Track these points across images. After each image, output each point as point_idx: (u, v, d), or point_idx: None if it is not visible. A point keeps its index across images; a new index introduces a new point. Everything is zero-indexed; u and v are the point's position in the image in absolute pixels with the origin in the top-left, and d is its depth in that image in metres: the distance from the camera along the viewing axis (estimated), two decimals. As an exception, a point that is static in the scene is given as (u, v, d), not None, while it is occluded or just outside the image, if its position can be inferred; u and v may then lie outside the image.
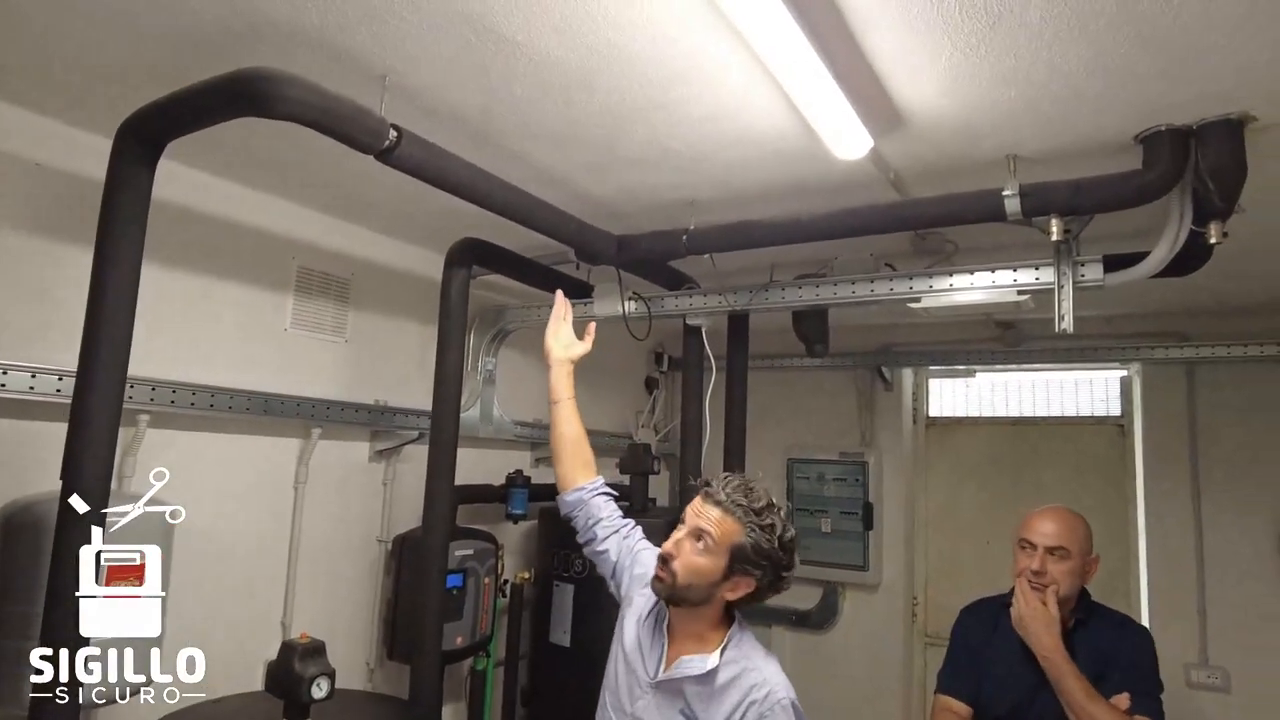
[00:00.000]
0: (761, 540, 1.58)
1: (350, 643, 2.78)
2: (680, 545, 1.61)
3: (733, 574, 1.59)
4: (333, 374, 2.74)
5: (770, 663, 1.63)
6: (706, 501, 1.63)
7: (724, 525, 1.59)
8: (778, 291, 2.62)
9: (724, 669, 1.60)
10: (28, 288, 1.97)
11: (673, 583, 1.60)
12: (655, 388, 4.63)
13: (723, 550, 1.58)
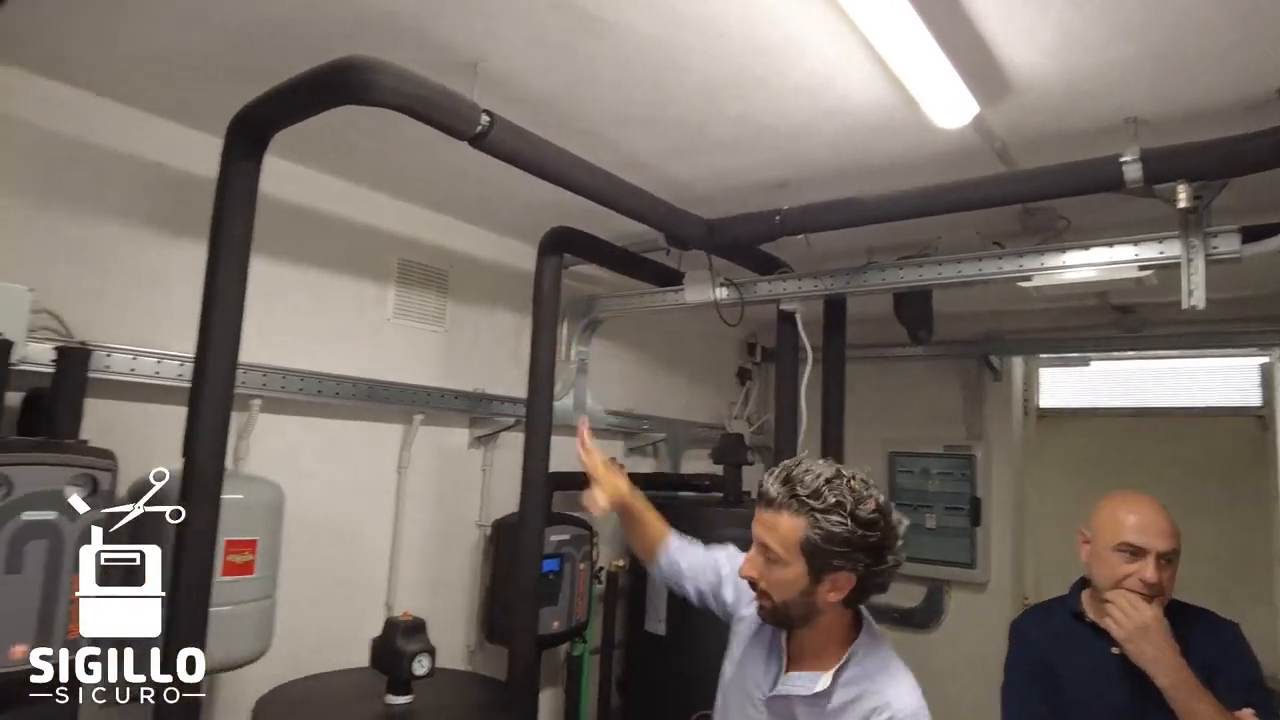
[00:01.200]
0: (831, 526, 1.33)
1: (451, 625, 2.86)
2: (754, 564, 1.42)
3: (821, 574, 1.35)
4: (432, 362, 2.82)
5: (899, 680, 1.43)
6: (762, 507, 1.42)
7: (782, 526, 1.36)
8: (877, 273, 2.53)
9: (840, 690, 1.41)
10: (149, 279, 2.11)
11: (773, 605, 1.42)
12: (748, 379, 4.56)
13: (793, 553, 1.35)
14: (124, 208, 2.08)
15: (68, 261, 1.96)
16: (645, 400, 3.75)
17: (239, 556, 1.90)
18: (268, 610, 2.00)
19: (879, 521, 1.36)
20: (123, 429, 1.85)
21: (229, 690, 2.17)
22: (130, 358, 1.96)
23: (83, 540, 1.55)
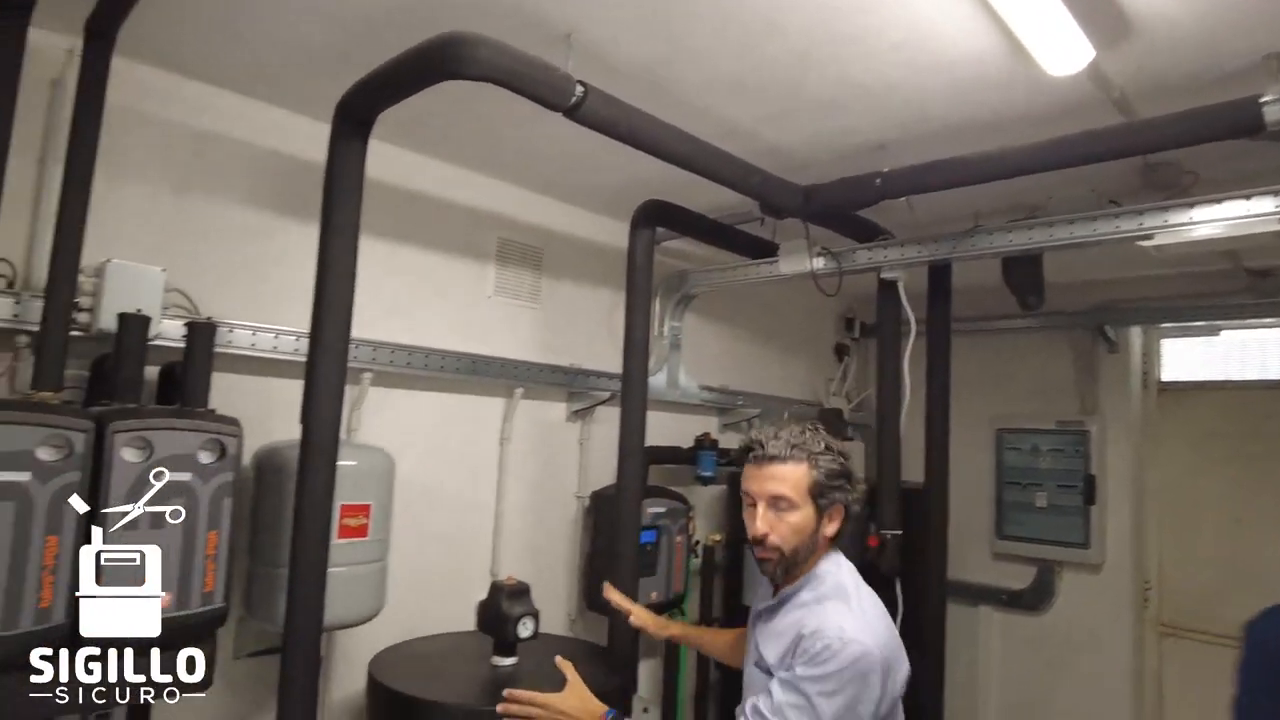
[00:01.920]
0: (828, 464, 1.53)
1: (552, 594, 2.93)
2: (766, 519, 1.53)
3: (823, 512, 1.54)
4: (530, 338, 2.88)
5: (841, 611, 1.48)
6: (765, 464, 1.55)
7: (791, 475, 1.52)
8: (984, 237, 2.43)
9: (787, 609, 1.55)
10: (267, 259, 2.23)
11: (780, 555, 1.53)
12: (846, 355, 4.47)
13: (804, 497, 1.52)
14: (244, 193, 2.21)
15: (194, 244, 2.09)
16: (739, 376, 3.73)
17: (353, 520, 2.00)
18: (381, 572, 2.10)
19: (845, 460, 1.57)
20: (242, 401, 1.96)
21: (345, 648, 2.30)
22: (250, 333, 2.08)
23: (215, 500, 1.67)
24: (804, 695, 1.42)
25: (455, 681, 1.92)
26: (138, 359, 1.73)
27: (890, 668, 1.46)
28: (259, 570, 1.96)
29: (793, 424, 1.60)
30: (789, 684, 1.44)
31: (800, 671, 1.43)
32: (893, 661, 1.48)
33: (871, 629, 1.47)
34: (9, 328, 1.73)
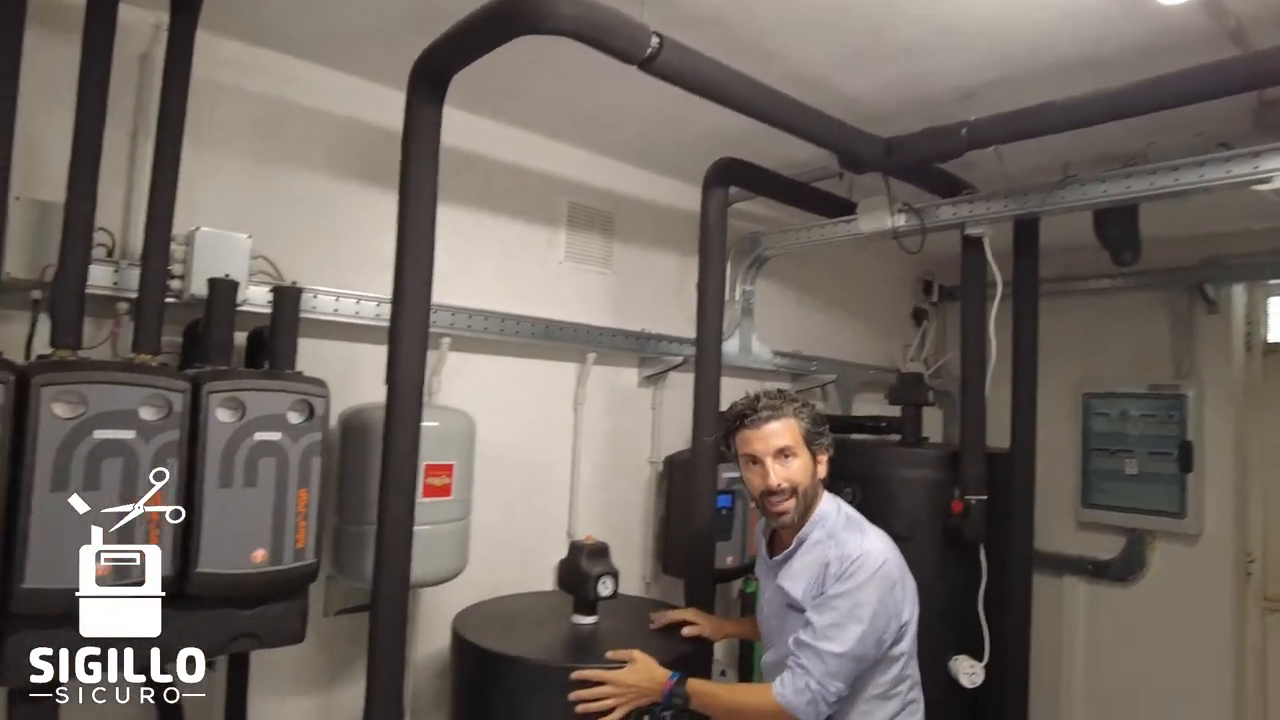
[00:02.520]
0: (810, 414, 1.78)
1: (627, 557, 2.94)
2: (777, 471, 1.73)
3: (816, 456, 1.77)
4: (601, 303, 2.87)
5: (856, 534, 1.72)
6: (761, 424, 1.74)
7: (788, 428, 1.74)
8: (1077, 188, 2.30)
9: (804, 552, 1.75)
10: (346, 226, 2.26)
11: (795, 500, 1.73)
12: (924, 319, 4.33)
13: (801, 444, 1.75)
14: (323, 162, 2.24)
15: (276, 212, 2.14)
16: (813, 341, 3.65)
17: (437, 480, 2.03)
18: (464, 531, 2.13)
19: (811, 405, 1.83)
20: (325, 366, 1.98)
21: (429, 607, 2.35)
22: (333, 299, 2.12)
23: (305, 459, 1.71)
24: (840, 611, 1.62)
25: (537, 638, 1.94)
26: (228, 323, 1.78)
27: (905, 575, 1.72)
28: (346, 529, 2.01)
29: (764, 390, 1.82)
30: (824, 606, 1.65)
31: (832, 591, 1.65)
32: (906, 571, 1.73)
33: (886, 542, 1.73)
34: (110, 295, 1.79)
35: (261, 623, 1.70)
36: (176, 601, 1.59)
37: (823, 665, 1.61)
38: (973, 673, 2.61)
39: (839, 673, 1.61)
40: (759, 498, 1.77)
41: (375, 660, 1.68)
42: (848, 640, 1.61)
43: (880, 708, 1.70)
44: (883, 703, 1.70)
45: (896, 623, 1.67)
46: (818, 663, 1.61)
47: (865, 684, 1.68)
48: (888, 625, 1.65)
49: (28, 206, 1.68)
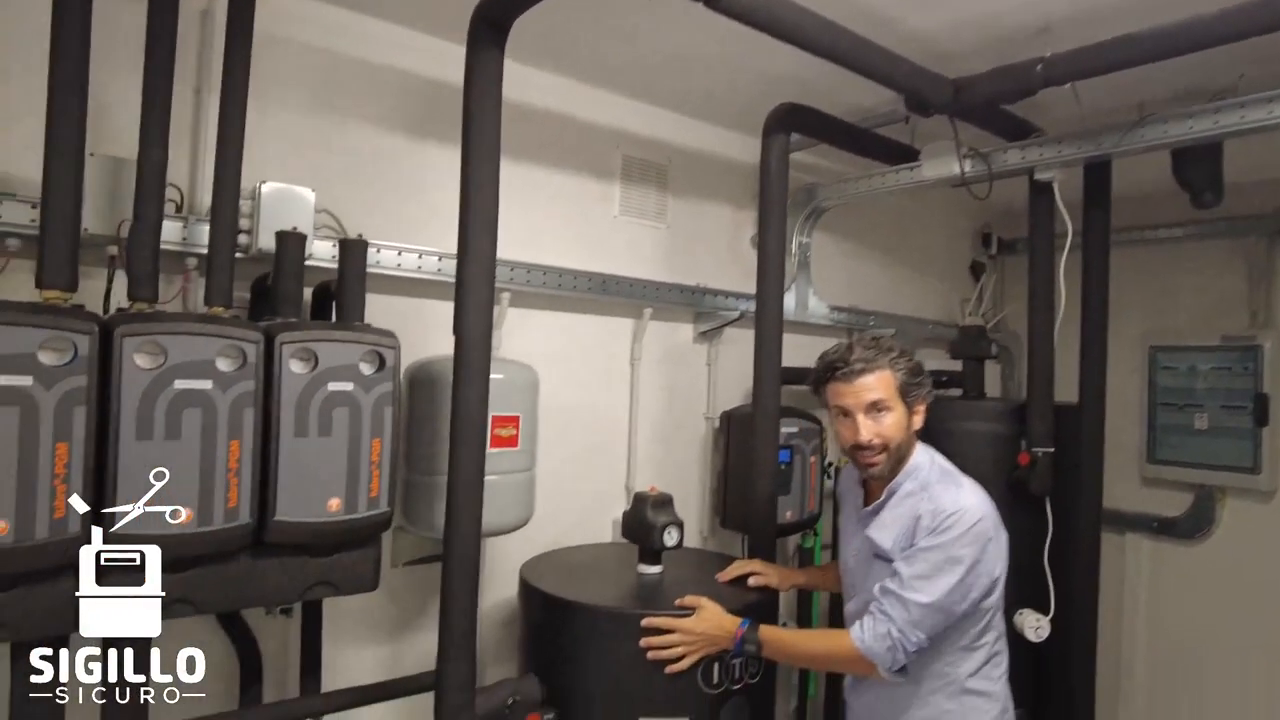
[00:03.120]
0: (906, 365, 1.71)
1: (685, 511, 2.88)
2: (868, 427, 1.67)
3: (911, 408, 1.71)
4: (657, 257, 2.84)
5: (951, 488, 1.67)
6: (854, 378, 1.68)
7: (883, 380, 1.68)
8: (1158, 125, 2.19)
9: (894, 503, 1.72)
10: (408, 181, 2.26)
11: (886, 455, 1.68)
12: (983, 273, 4.22)
13: (895, 397, 1.68)
14: (385, 116, 2.24)
15: (339, 167, 2.14)
16: (870, 296, 3.58)
17: (504, 430, 2.04)
18: (530, 482, 2.15)
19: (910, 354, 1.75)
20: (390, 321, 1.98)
21: (495, 557, 2.38)
22: (396, 254, 2.12)
23: (377, 409, 1.72)
24: (930, 563, 1.60)
25: (604, 586, 1.96)
26: (297, 275, 1.79)
27: (1000, 531, 1.68)
28: (416, 479, 2.04)
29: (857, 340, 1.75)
30: (914, 558, 1.62)
31: (923, 543, 1.61)
32: (1000, 526, 1.68)
33: (981, 497, 1.68)
34: (180, 250, 1.82)
35: (336, 571, 1.73)
36: (254, 550, 1.63)
37: (906, 614, 1.58)
38: (1039, 627, 2.57)
39: (922, 623, 1.59)
40: (849, 450, 1.74)
41: (448, 607, 1.69)
42: (935, 592, 1.58)
43: (967, 659, 1.68)
44: (969, 654, 1.69)
45: (988, 578, 1.64)
46: (902, 610, 1.59)
47: (952, 635, 1.66)
48: (977, 581, 1.62)
49: (102, 162, 1.70)
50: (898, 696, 1.70)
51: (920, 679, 1.68)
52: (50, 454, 1.38)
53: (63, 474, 1.39)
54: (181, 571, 1.54)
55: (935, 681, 1.68)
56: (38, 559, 1.38)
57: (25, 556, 1.36)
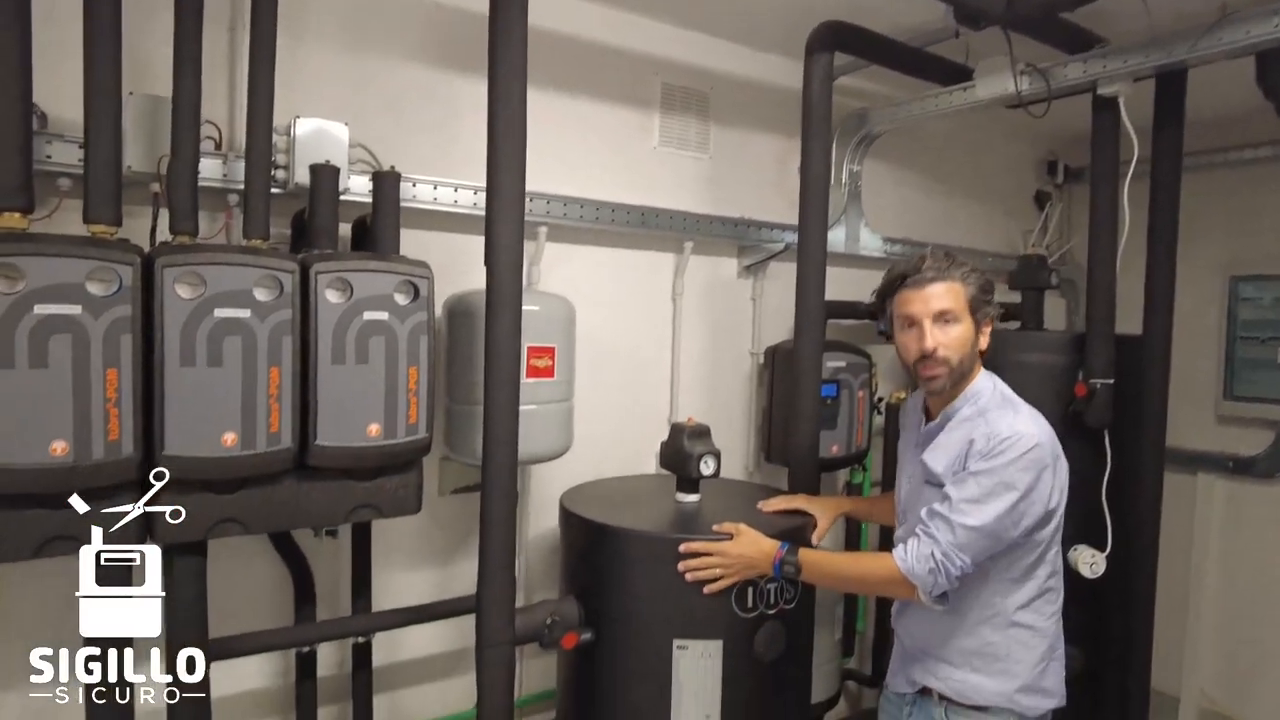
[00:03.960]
0: (978, 280, 1.66)
1: (730, 445, 2.92)
2: (933, 335, 1.63)
3: (979, 325, 1.66)
4: (698, 189, 2.79)
5: (1009, 414, 1.61)
6: (924, 285, 1.64)
7: (953, 291, 1.63)
8: (1239, 26, 2.01)
9: (952, 427, 1.67)
10: (442, 115, 2.25)
11: (949, 368, 1.63)
12: (1047, 203, 4.03)
13: (965, 310, 1.64)
14: (417, 49, 2.22)
15: (372, 101, 2.14)
16: (926, 228, 3.46)
17: (539, 361, 2.06)
18: (567, 412, 2.17)
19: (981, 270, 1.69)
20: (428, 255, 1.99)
21: (539, 489, 2.43)
22: (431, 188, 2.14)
23: (413, 338, 1.75)
24: (981, 486, 1.55)
25: (640, 513, 1.98)
26: (331, 207, 1.82)
27: (1059, 461, 1.62)
28: (457, 409, 2.08)
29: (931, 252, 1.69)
30: (964, 481, 1.57)
31: (975, 467, 1.57)
32: (1060, 456, 1.63)
33: (1040, 425, 1.61)
34: (220, 187, 1.86)
35: (379, 494, 1.79)
36: (299, 473, 1.69)
37: (952, 536, 1.54)
38: (1094, 563, 2.50)
39: (968, 546, 1.54)
40: (912, 363, 1.68)
41: (487, 531, 1.73)
42: (984, 516, 1.53)
43: (1016, 591, 1.64)
44: (1019, 586, 1.64)
45: (1042, 507, 1.58)
46: (947, 532, 1.54)
47: (1002, 565, 1.62)
48: (1030, 509, 1.56)
49: (141, 101, 1.74)
50: (944, 625, 1.67)
51: (967, 608, 1.64)
52: (101, 379, 1.45)
53: (114, 398, 1.46)
54: (229, 493, 1.61)
55: (983, 611, 1.64)
56: (95, 478, 1.45)
57: (85, 475, 1.44)
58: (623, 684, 1.86)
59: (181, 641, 1.64)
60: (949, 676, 1.66)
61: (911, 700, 1.74)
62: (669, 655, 1.79)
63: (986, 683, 1.63)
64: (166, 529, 1.56)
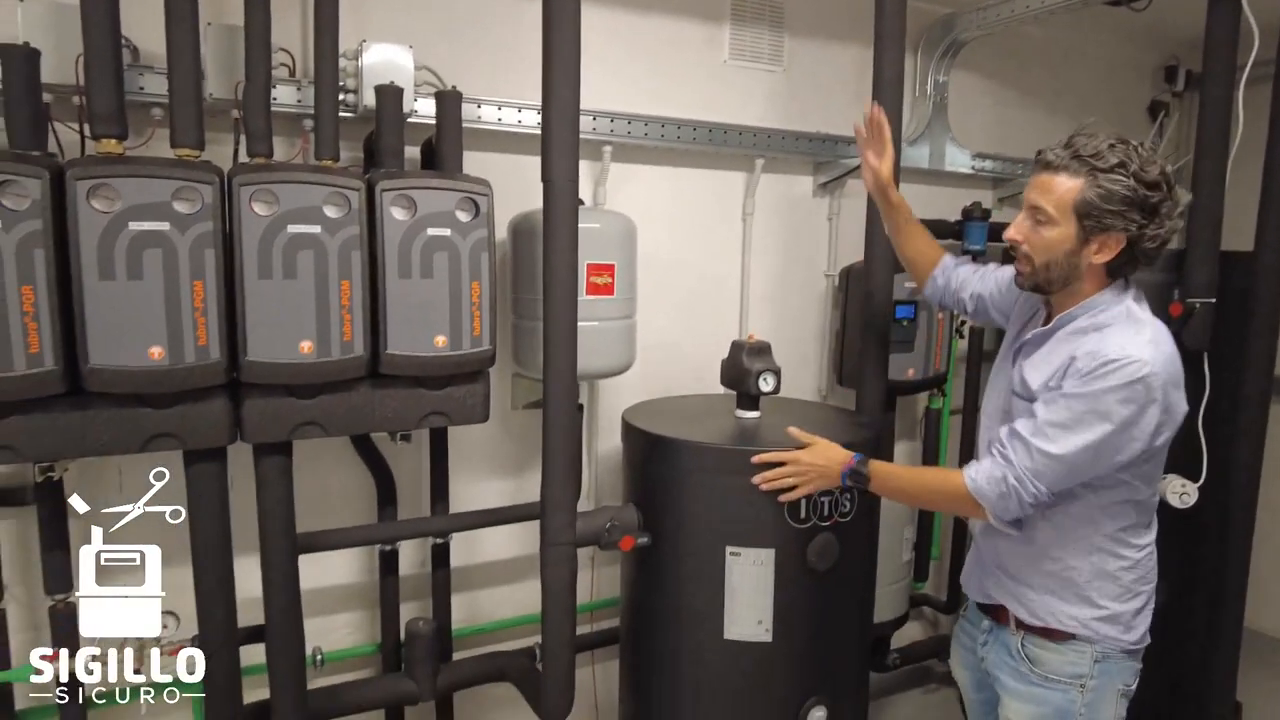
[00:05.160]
0: (1111, 185, 1.36)
1: (802, 369, 2.93)
2: (1020, 228, 1.48)
3: (1090, 235, 1.41)
4: (772, 105, 2.71)
5: (1128, 332, 1.41)
6: (1040, 171, 1.45)
7: (1059, 188, 1.41)
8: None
9: (1060, 336, 1.49)
10: (505, 35, 2.26)
11: (1032, 267, 1.48)
12: (1163, 113, 3.71)
13: (1067, 213, 1.41)
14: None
15: (440, 24, 2.18)
16: (1020, 142, 3.24)
17: (599, 279, 2.10)
18: (628, 330, 2.21)
19: (1162, 184, 1.37)
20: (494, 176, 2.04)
21: (611, 407, 2.49)
22: (496, 108, 2.18)
23: (474, 254, 1.82)
24: (1072, 411, 1.39)
25: (696, 427, 2.01)
26: (396, 127, 1.88)
27: (1170, 396, 1.41)
28: (523, 325, 2.17)
29: (1104, 136, 1.41)
30: (1054, 401, 1.42)
31: (1069, 388, 1.40)
32: (1175, 390, 1.42)
33: (1161, 349, 1.40)
34: (295, 112, 1.95)
35: (449, 402, 1.89)
36: (374, 381, 1.80)
37: (1030, 461, 1.42)
38: (1184, 493, 2.40)
39: (1045, 474, 1.42)
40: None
41: (549, 439, 1.80)
42: (1067, 445, 1.39)
43: (1105, 519, 1.51)
44: (1108, 515, 1.51)
45: (1142, 444, 1.40)
46: (1025, 457, 1.43)
47: (1090, 492, 1.49)
48: (1126, 446, 1.40)
49: (219, 31, 1.83)
50: (1024, 546, 1.57)
51: (1050, 532, 1.53)
52: (190, 290, 1.58)
53: (201, 308, 1.59)
54: (309, 398, 1.74)
55: (1066, 536, 1.52)
56: (188, 380, 1.60)
57: (179, 377, 1.59)
58: (679, 586, 1.93)
59: (269, 534, 1.80)
60: (1026, 599, 1.57)
61: (988, 629, 1.68)
62: (722, 561, 1.85)
63: (1065, 607, 1.54)
64: (254, 428, 1.71)
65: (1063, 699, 1.55)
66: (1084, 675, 1.53)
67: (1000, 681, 1.65)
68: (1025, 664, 1.58)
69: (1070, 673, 1.54)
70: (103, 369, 1.52)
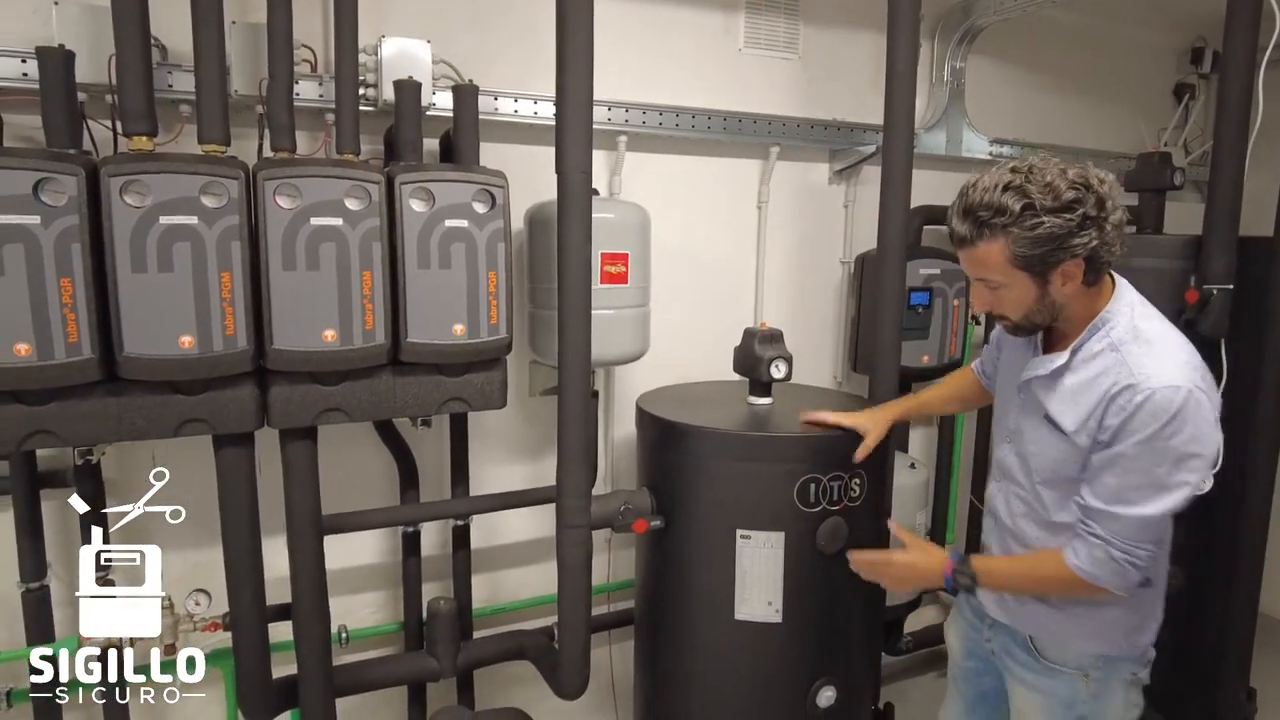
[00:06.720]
0: (1030, 230, 1.28)
1: (817, 357, 2.95)
2: (981, 298, 1.44)
3: (1046, 274, 1.34)
4: (787, 93, 2.73)
5: (1156, 352, 1.34)
6: (959, 247, 1.38)
7: (986, 257, 1.34)
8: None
9: (1079, 367, 1.42)
10: (522, 29, 2.30)
11: (1015, 323, 1.45)
12: (1188, 95, 3.66)
13: (1010, 272, 1.34)
14: (495, -37, 2.28)
15: (458, 18, 2.23)
16: (1040, 126, 3.24)
17: (613, 267, 2.14)
18: (642, 318, 2.25)
19: (1080, 196, 1.28)
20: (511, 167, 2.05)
21: (627, 394, 2.54)
22: (512, 100, 2.22)
23: (491, 244, 1.86)
24: (1139, 471, 1.32)
25: (710, 413, 2.04)
26: (414, 121, 1.93)
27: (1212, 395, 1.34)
28: (540, 314, 2.21)
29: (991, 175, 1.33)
30: (1116, 465, 1.34)
31: (1127, 448, 1.32)
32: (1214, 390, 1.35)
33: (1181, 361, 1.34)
34: (318, 107, 2.01)
35: (467, 389, 1.95)
36: (395, 368, 1.86)
37: (1122, 528, 1.35)
38: (1201, 479, 2.39)
39: (1145, 534, 1.35)
40: None
41: (564, 424, 1.85)
42: (1162, 505, 1.32)
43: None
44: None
45: (1206, 464, 1.32)
46: (1115, 526, 1.35)
47: None
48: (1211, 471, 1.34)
49: (242, 29, 1.89)
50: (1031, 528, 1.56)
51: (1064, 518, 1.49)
52: (218, 282, 1.64)
53: (228, 299, 1.65)
54: (333, 385, 1.80)
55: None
56: (216, 368, 1.66)
57: (208, 365, 1.66)
58: (691, 568, 1.98)
59: (296, 515, 1.87)
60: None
61: (991, 624, 1.68)
62: (733, 544, 1.89)
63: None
64: (280, 413, 1.77)
65: (1068, 688, 1.56)
66: (1088, 666, 1.54)
67: (1008, 668, 1.67)
68: (1031, 653, 1.60)
69: (1075, 663, 1.55)
70: (137, 357, 1.59)
